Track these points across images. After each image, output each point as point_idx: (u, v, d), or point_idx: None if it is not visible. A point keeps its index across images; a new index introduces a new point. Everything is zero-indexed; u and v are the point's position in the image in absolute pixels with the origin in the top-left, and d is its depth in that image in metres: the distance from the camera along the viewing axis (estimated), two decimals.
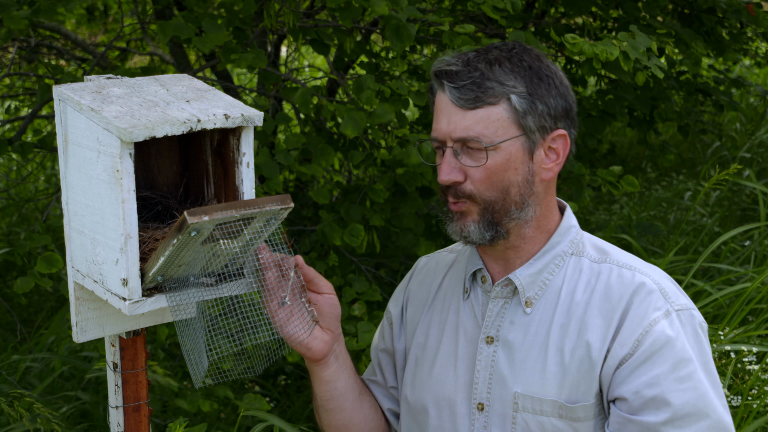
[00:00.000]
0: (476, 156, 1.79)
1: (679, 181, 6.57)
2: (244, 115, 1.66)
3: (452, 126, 1.79)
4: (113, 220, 1.59)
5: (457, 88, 1.78)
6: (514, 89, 1.78)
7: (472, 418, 1.89)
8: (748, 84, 5.92)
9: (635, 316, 1.78)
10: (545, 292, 1.86)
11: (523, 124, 1.79)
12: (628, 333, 1.77)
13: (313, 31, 3.40)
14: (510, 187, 1.80)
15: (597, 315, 1.81)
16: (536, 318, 1.86)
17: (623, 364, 1.77)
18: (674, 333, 1.77)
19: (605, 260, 1.87)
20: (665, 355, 1.75)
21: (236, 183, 1.72)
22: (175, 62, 4.13)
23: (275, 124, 3.29)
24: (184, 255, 1.60)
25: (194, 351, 1.74)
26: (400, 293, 2.13)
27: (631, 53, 2.93)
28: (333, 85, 4.56)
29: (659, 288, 1.82)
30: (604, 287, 1.83)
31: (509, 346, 1.86)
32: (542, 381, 1.82)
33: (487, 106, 1.77)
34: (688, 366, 1.76)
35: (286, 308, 1.81)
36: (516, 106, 1.78)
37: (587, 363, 1.79)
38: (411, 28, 2.97)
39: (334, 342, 1.92)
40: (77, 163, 1.68)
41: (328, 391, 1.97)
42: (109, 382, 1.83)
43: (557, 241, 1.88)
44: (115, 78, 1.77)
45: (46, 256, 2.77)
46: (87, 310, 1.77)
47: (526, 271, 1.87)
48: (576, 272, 1.87)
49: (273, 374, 4.17)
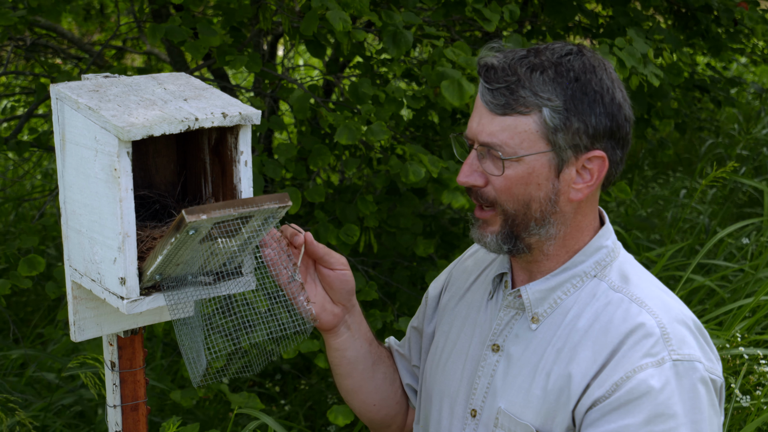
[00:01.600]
0: (497, 164, 1.71)
1: (676, 179, 6.58)
2: (242, 113, 1.66)
3: (480, 128, 1.71)
4: (111, 219, 1.59)
5: (491, 90, 1.69)
6: (548, 102, 1.67)
7: (465, 422, 1.88)
8: (743, 82, 5.92)
9: (623, 358, 1.66)
10: (555, 311, 1.78)
11: (552, 140, 1.68)
12: (609, 374, 1.66)
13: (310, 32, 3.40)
14: (531, 201, 1.71)
15: (589, 347, 1.70)
16: (539, 336, 1.78)
17: (596, 406, 1.66)
18: (659, 384, 1.63)
19: (621, 290, 1.75)
20: (641, 405, 1.63)
21: (234, 181, 1.72)
22: (171, 61, 4.12)
23: (268, 127, 3.29)
24: (182, 254, 1.60)
25: (192, 350, 1.74)
26: (444, 276, 2.10)
27: (628, 61, 2.93)
28: (329, 85, 4.56)
29: (662, 332, 1.68)
30: (607, 320, 1.72)
31: (509, 359, 1.81)
32: (524, 402, 1.75)
33: (516, 115, 1.68)
34: (667, 423, 1.62)
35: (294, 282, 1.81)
36: (547, 120, 1.67)
37: (565, 395, 1.70)
38: (408, 35, 2.98)
39: (345, 314, 1.92)
40: (75, 162, 1.68)
41: (337, 358, 1.99)
42: (107, 381, 1.83)
43: (580, 260, 1.78)
44: (112, 77, 1.77)
45: (28, 259, 2.76)
46: (85, 309, 1.77)
47: (537, 286, 1.79)
48: (590, 296, 1.76)
49: (270, 373, 4.18)
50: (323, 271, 1.86)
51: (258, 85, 3.85)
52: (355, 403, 2.06)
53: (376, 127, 3.02)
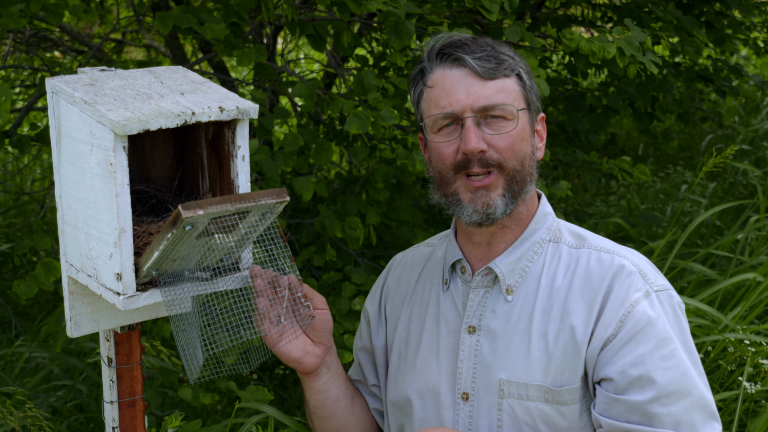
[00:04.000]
0: (498, 125, 1.83)
1: (677, 173, 6.57)
2: (239, 107, 1.64)
3: (473, 96, 1.82)
4: (107, 214, 1.58)
5: (479, 58, 1.82)
6: (521, 64, 1.87)
7: (457, 408, 1.90)
8: (745, 73, 5.90)
9: (617, 297, 1.81)
10: (525, 280, 1.89)
11: (528, 99, 1.87)
12: (611, 314, 1.80)
13: (310, 26, 3.38)
14: (525, 158, 1.86)
15: (579, 299, 1.83)
16: (518, 305, 1.88)
17: (607, 345, 1.79)
18: (655, 313, 1.80)
19: (583, 245, 1.91)
20: (648, 334, 1.78)
21: (231, 176, 1.71)
22: (171, 55, 4.10)
23: (273, 119, 3.27)
24: (179, 249, 1.59)
25: (189, 346, 1.73)
26: (377, 291, 2.14)
27: (627, 49, 2.93)
28: (330, 78, 4.54)
29: (638, 269, 1.85)
30: (584, 271, 1.86)
31: (492, 335, 1.88)
32: (527, 366, 1.83)
33: (503, 78, 1.84)
34: (670, 345, 1.78)
35: (279, 326, 1.83)
36: (524, 79, 1.86)
37: (572, 346, 1.81)
38: (410, 25, 2.97)
39: (326, 354, 1.95)
40: (70, 156, 1.66)
41: (320, 400, 2.01)
42: (104, 377, 1.82)
43: (534, 228, 1.92)
44: (108, 70, 1.75)
45: (45, 263, 2.75)
46: (81, 305, 1.76)
47: (505, 259, 1.90)
48: (555, 258, 1.90)
49: (270, 366, 4.17)
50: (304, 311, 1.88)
51: (258, 78, 3.83)
52: None
53: (385, 113, 3.01)
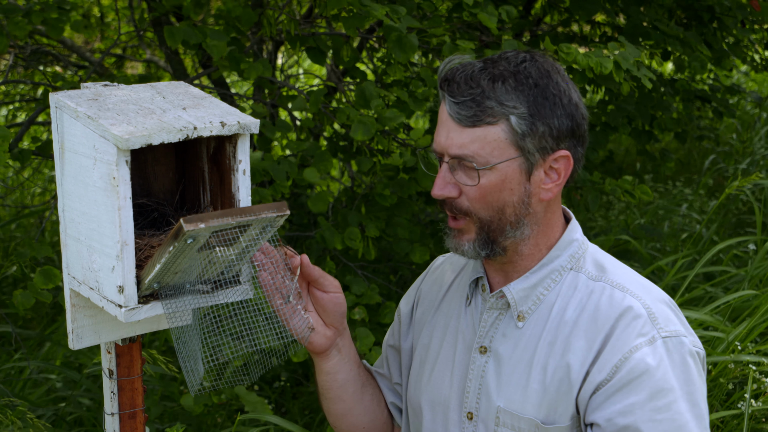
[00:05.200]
0: (470, 174, 1.76)
1: (676, 189, 6.59)
2: (240, 122, 1.66)
3: (449, 141, 1.76)
4: (109, 228, 1.60)
5: (457, 103, 1.74)
6: (514, 110, 1.73)
7: (462, 426, 1.90)
8: (743, 90, 5.93)
9: (617, 341, 1.74)
10: (539, 307, 1.84)
11: (522, 146, 1.74)
12: (607, 358, 1.73)
13: (311, 40, 3.41)
14: (505, 207, 1.77)
15: (582, 336, 1.77)
16: (527, 333, 1.84)
17: (599, 390, 1.73)
18: (655, 361, 1.72)
19: (601, 278, 1.83)
20: (643, 383, 1.71)
21: (232, 190, 1.72)
22: (171, 70, 4.13)
23: (275, 130, 3.29)
24: (180, 262, 1.60)
25: (190, 358, 1.74)
26: (413, 291, 2.13)
27: (623, 63, 2.95)
28: (330, 92, 4.56)
29: (648, 312, 1.76)
30: (594, 308, 1.79)
31: (499, 359, 1.85)
32: (523, 398, 1.80)
33: (485, 126, 1.73)
34: (668, 396, 1.71)
35: (290, 305, 1.82)
36: (515, 128, 1.73)
37: (566, 384, 1.77)
38: (413, 38, 2.98)
39: (337, 337, 1.94)
40: (73, 171, 1.68)
41: (328, 381, 1.99)
42: (105, 389, 1.83)
43: (555, 255, 1.85)
44: (111, 85, 1.77)
45: (44, 270, 2.74)
46: (83, 317, 1.77)
47: (519, 285, 1.85)
48: (571, 289, 1.83)
49: (270, 379, 4.17)
50: (317, 294, 1.89)
51: (258, 93, 3.85)
52: (344, 427, 2.07)
53: (390, 114, 3.01)
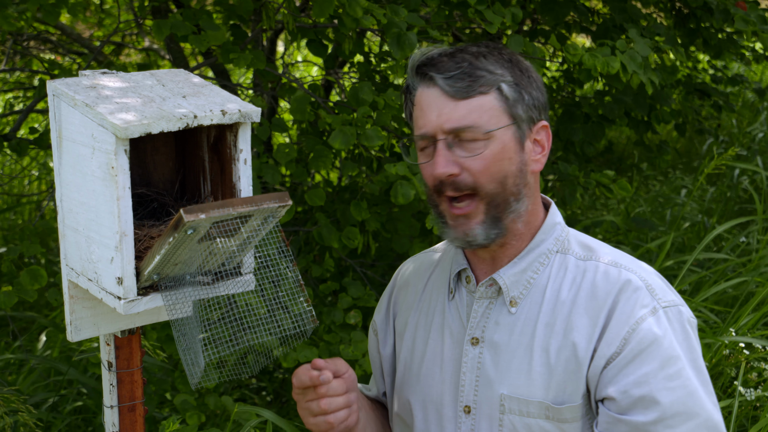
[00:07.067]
0: (471, 147, 1.76)
1: (676, 177, 6.57)
2: (242, 110, 1.64)
3: (444, 117, 1.76)
4: (108, 218, 1.57)
5: (449, 77, 1.75)
6: (503, 78, 1.77)
7: (459, 421, 1.88)
8: (745, 80, 5.91)
9: (621, 314, 1.76)
10: (530, 291, 1.84)
11: (514, 113, 1.78)
12: (614, 332, 1.75)
13: (311, 32, 3.38)
14: (507, 177, 1.78)
15: (583, 314, 1.78)
16: (521, 318, 1.83)
17: (610, 364, 1.74)
18: (661, 331, 1.74)
19: (591, 258, 1.85)
20: (653, 353, 1.73)
21: (233, 180, 1.70)
22: (171, 59, 4.10)
23: (269, 130, 3.26)
24: (181, 253, 1.58)
25: (190, 350, 1.72)
26: (384, 301, 2.12)
27: (629, 66, 2.92)
28: (329, 83, 4.54)
29: (646, 285, 1.79)
30: (590, 285, 1.80)
31: (495, 347, 1.84)
32: (528, 382, 1.80)
33: (479, 96, 1.75)
34: (677, 364, 1.73)
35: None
36: (507, 95, 1.77)
37: (574, 363, 1.77)
38: (412, 36, 2.96)
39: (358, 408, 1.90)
40: (71, 160, 1.66)
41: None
42: (104, 381, 1.81)
43: (542, 239, 1.86)
44: (110, 73, 1.74)
45: (30, 270, 2.72)
46: (81, 309, 1.75)
47: (510, 270, 1.85)
48: (561, 270, 1.84)
49: (270, 370, 4.16)
50: None
51: (258, 83, 3.83)
52: None
53: (371, 132, 2.99)
